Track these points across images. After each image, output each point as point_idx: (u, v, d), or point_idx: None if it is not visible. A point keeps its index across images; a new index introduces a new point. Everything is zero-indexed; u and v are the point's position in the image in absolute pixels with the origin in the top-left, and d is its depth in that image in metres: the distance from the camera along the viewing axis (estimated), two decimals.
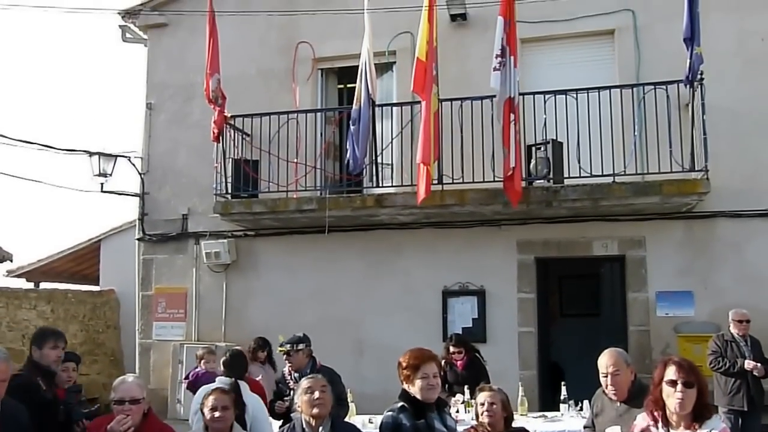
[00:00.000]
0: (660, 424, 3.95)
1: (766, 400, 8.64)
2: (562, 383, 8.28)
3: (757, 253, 9.80)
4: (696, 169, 9.10)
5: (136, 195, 12.13)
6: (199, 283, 11.71)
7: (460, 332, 10.16)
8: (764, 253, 9.78)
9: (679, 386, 3.78)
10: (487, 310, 10.50)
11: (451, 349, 8.66)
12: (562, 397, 8.19)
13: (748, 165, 9.79)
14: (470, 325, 10.48)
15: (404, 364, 4.56)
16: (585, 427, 5.16)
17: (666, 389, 3.86)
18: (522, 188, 9.19)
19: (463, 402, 7.92)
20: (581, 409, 7.91)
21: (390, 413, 4.50)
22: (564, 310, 13.14)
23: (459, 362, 8.59)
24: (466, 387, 8.04)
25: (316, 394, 4.46)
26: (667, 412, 3.90)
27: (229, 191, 10.68)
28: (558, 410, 8.05)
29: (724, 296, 9.72)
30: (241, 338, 10.92)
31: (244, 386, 6.20)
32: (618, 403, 4.72)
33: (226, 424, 4.45)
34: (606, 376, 4.72)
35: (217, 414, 4.43)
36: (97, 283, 18.66)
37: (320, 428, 4.44)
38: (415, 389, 4.50)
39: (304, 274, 11.15)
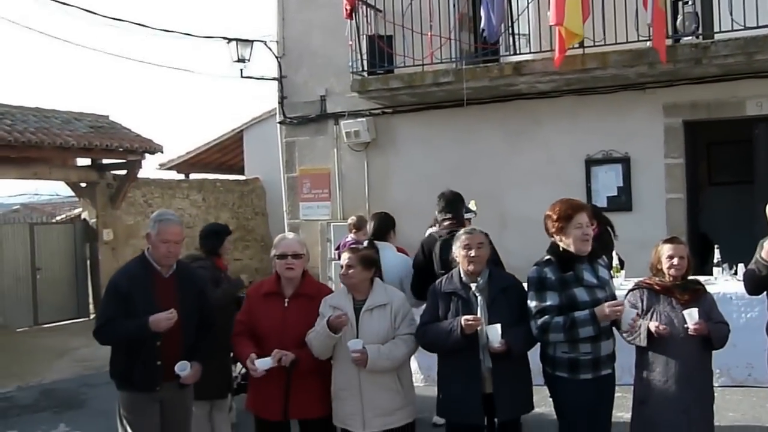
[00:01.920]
0: None
1: None
2: (716, 246, 8.02)
3: None
4: None
5: (274, 79, 12.34)
6: (340, 163, 11.96)
7: (605, 201, 10.01)
8: None
9: None
10: (633, 177, 10.20)
11: None
12: (715, 261, 7.95)
13: None
14: (615, 194, 10.23)
15: (555, 216, 4.38)
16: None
17: None
18: (669, 47, 8.71)
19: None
20: (735, 273, 7.66)
21: (535, 267, 4.40)
22: (714, 177, 12.59)
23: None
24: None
25: (473, 252, 4.48)
26: None
27: (365, 68, 10.69)
28: (711, 275, 7.82)
29: None
30: None
31: (387, 247, 6.27)
32: None
33: (351, 280, 4.52)
34: None
35: (342, 271, 4.56)
36: (241, 173, 19.43)
37: (478, 279, 4.50)
38: (568, 241, 4.32)
39: (443, 148, 11.15)
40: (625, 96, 10.17)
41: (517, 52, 10.04)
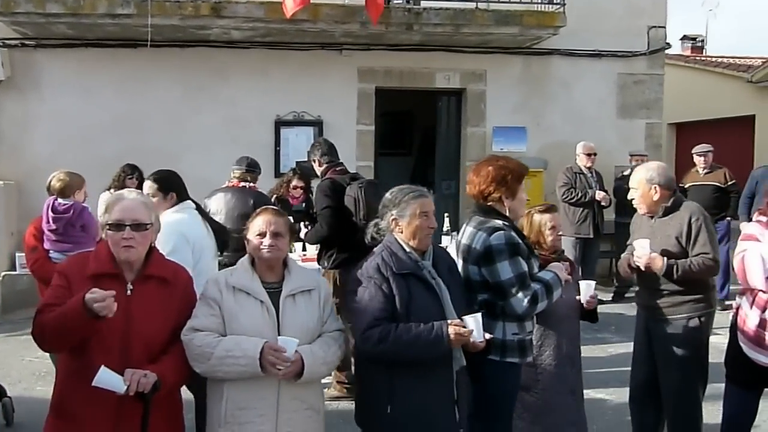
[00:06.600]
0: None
1: (606, 229, 9.05)
2: (445, 214, 7.85)
3: (584, 92, 10.14)
4: (554, 1, 9.10)
5: None
6: None
7: (294, 167, 9.28)
8: (590, 92, 10.16)
9: None
10: None
11: (294, 182, 7.81)
12: (444, 229, 7.79)
13: (582, 4, 9.75)
14: (305, 159, 9.53)
15: (510, 175, 3.64)
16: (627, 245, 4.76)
17: None
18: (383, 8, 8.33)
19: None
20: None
21: (501, 232, 3.54)
22: (391, 146, 12.45)
23: (298, 198, 7.74)
24: (302, 223, 7.14)
25: (432, 222, 3.36)
26: None
27: None
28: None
29: (553, 133, 10.03)
30: (18, 175, 9.08)
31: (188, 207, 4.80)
32: (653, 220, 4.37)
33: (278, 254, 3.17)
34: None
35: (261, 242, 3.15)
36: None
37: (425, 255, 3.38)
38: (512, 205, 3.66)
39: (105, 96, 9.32)
40: (321, 55, 9.61)
41: None
